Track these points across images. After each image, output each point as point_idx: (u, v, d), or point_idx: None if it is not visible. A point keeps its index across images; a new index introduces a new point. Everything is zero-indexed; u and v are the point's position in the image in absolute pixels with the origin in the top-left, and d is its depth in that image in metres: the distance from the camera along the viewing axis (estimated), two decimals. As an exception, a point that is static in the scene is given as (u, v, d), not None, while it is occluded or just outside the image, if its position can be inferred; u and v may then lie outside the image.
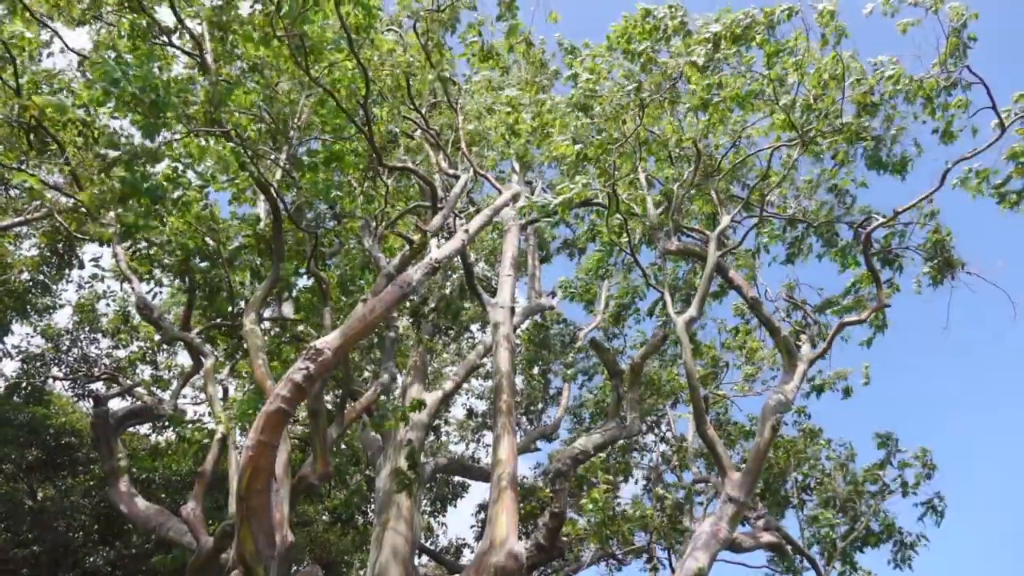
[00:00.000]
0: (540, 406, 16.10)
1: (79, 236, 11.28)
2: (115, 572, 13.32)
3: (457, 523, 58.56)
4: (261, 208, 9.95)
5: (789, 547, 9.08)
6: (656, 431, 14.84)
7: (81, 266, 13.65)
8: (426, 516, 16.05)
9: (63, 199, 11.15)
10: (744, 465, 7.65)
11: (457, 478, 16.57)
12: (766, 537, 8.35)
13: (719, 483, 7.83)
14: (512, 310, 9.97)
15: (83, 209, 9.40)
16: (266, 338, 10.21)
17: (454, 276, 14.02)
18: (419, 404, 9.11)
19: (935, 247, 9.22)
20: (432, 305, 12.79)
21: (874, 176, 9.43)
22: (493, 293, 10.40)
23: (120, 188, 6.84)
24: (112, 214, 8.55)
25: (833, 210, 9.93)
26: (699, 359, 13.16)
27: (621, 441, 11.94)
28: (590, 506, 9.99)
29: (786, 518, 12.21)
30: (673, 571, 7.89)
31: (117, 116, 6.72)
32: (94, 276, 14.30)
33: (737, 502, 7.31)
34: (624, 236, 9.97)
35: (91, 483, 13.71)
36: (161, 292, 11.89)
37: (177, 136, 8.03)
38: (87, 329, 15.23)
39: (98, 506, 13.48)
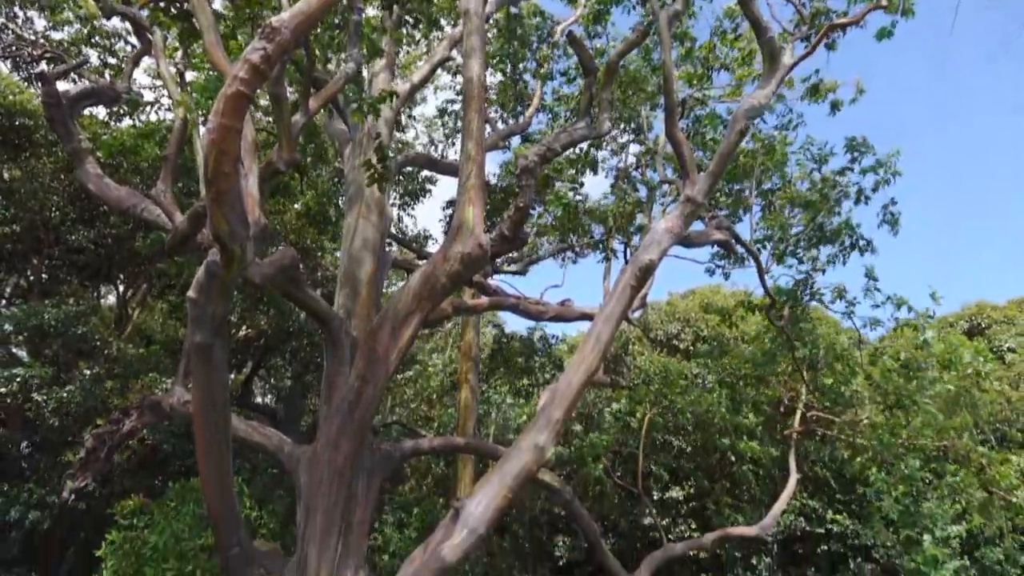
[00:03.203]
0: (513, 105, 15.78)
1: None
2: (99, 250, 13.91)
3: (425, 217, 61.13)
4: None
5: (737, 244, 9.73)
6: (630, 132, 14.83)
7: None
8: (395, 208, 16.60)
9: None
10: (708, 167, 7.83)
11: (425, 173, 16.83)
12: (716, 235, 8.89)
13: (681, 184, 8.07)
14: (485, -4, 9.20)
15: None
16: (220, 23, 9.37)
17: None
18: (389, 95, 8.83)
19: None
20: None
21: None
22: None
23: None
24: None
25: None
26: (690, 60, 12.60)
27: (589, 141, 11.98)
28: (554, 200, 10.36)
29: (743, 221, 12.78)
30: (627, 262, 8.49)
31: None
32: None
33: (695, 202, 7.62)
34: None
35: (58, 166, 13.62)
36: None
37: None
38: (17, 5, 13.82)
39: (70, 188, 13.57)
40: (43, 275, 14.51)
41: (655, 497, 18.17)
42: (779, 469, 16.71)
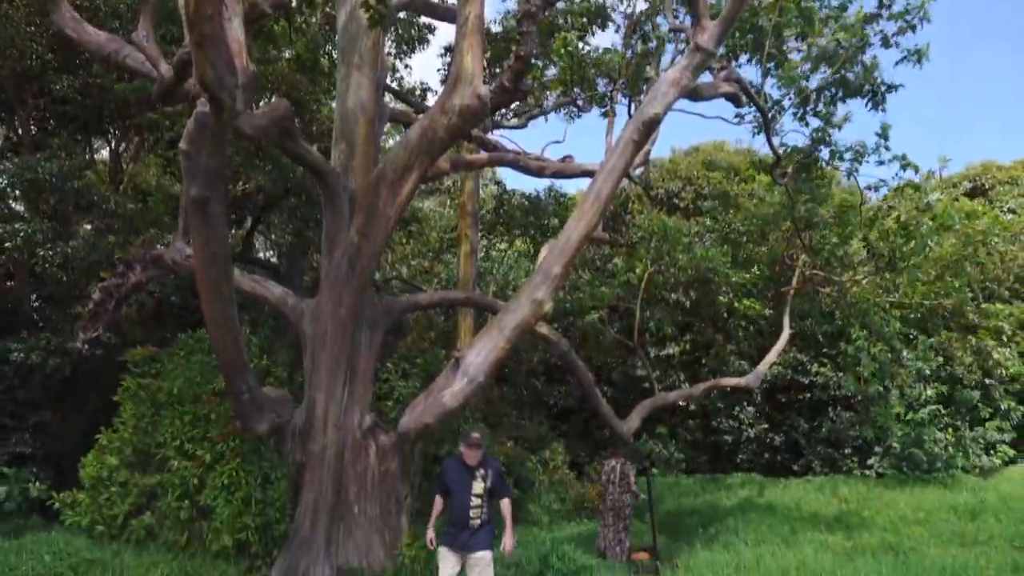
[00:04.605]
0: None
1: None
2: (85, 100, 13.46)
3: (423, 68, 58.57)
4: None
5: (745, 98, 9.38)
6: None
7: None
8: (391, 58, 15.89)
9: None
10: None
11: (423, 19, 15.95)
12: (725, 87, 8.56)
13: (691, 32, 7.65)
14: None
15: None
16: None
17: None
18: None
19: None
20: None
21: None
22: None
23: None
24: None
25: None
26: None
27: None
28: (561, 50, 9.87)
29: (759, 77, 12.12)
30: (631, 117, 8.24)
31: None
32: None
33: (705, 51, 7.27)
34: None
35: (32, 10, 12.86)
36: None
37: None
38: None
39: (47, 34, 12.90)
40: (31, 128, 14.13)
41: (651, 352, 18.86)
42: (772, 325, 17.20)
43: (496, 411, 16.44)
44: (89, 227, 13.89)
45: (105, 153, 16.71)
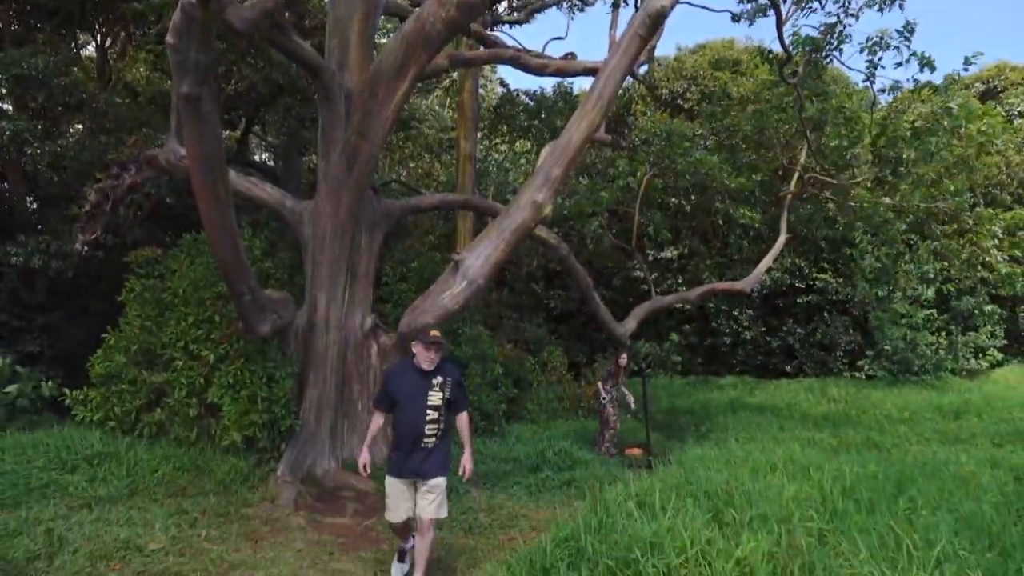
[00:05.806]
0: None
1: None
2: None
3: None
4: None
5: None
6: None
7: None
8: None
9: None
10: None
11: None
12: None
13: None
14: None
15: None
16: None
17: None
18: None
19: None
20: None
21: None
22: None
23: None
24: None
25: None
26: None
27: None
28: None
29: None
30: (637, 9, 7.89)
31: None
32: None
33: (716, -61, 6.87)
34: None
35: None
36: None
37: None
38: None
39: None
40: (13, 22, 13.55)
41: (649, 256, 18.90)
42: (771, 231, 17.16)
43: (495, 314, 16.64)
44: (80, 126, 13.57)
45: (91, 49, 16.11)
